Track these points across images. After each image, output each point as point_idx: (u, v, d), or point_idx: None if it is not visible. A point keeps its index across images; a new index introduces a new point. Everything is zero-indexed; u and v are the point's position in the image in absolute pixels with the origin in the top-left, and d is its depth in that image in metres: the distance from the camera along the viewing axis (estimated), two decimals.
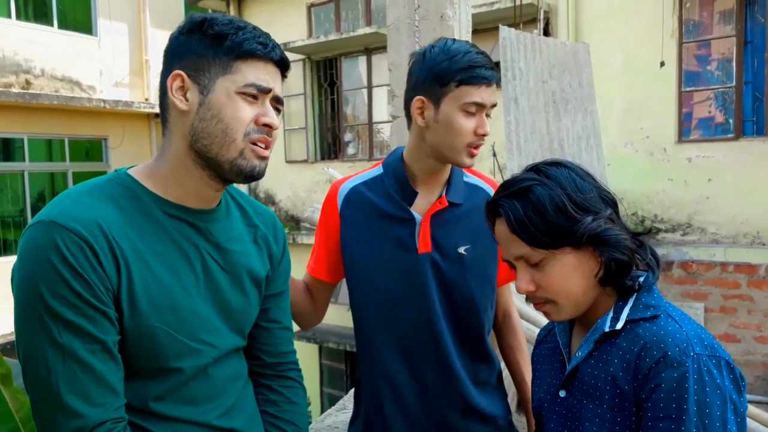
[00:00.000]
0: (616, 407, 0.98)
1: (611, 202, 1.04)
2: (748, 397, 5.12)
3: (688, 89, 6.39)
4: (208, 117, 0.98)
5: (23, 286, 0.91)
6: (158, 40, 10.78)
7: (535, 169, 1.06)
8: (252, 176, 1.04)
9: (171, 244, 1.01)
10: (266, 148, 1.04)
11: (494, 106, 1.36)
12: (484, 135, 1.35)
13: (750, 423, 3.06)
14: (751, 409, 3.24)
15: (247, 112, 1.00)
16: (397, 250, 1.39)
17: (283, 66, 1.05)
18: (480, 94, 1.33)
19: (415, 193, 1.40)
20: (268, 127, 1.02)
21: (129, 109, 10.07)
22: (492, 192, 1.42)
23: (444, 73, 1.33)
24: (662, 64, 6.26)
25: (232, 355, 1.12)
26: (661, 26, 6.26)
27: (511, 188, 1.04)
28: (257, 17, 9.41)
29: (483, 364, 1.47)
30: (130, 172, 1.04)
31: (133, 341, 0.96)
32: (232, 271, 1.10)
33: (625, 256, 1.00)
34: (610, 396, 0.99)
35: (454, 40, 1.38)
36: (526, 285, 1.04)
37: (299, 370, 1.30)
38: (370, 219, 1.42)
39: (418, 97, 1.36)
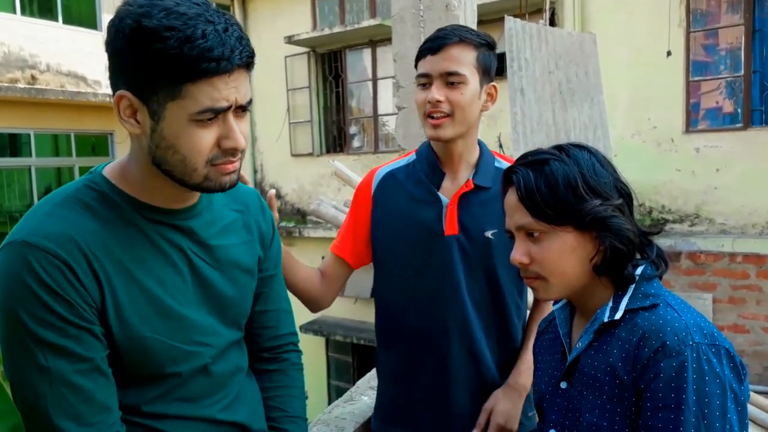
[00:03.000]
0: (616, 397, 0.97)
1: (625, 194, 1.04)
2: (758, 387, 5.12)
3: (696, 79, 6.34)
4: (163, 146, 0.88)
5: (2, 311, 0.86)
6: None
7: (558, 147, 1.06)
8: (223, 191, 0.97)
9: (154, 250, 0.96)
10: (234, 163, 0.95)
11: (450, 73, 1.36)
12: (432, 102, 1.36)
13: (759, 413, 3.04)
14: (760, 399, 3.23)
15: (206, 139, 0.88)
16: (424, 232, 1.41)
17: (247, 64, 0.90)
18: (424, 64, 1.38)
19: (443, 174, 1.43)
20: (234, 149, 0.91)
21: None
22: None
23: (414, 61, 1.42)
24: (669, 53, 6.21)
25: (231, 349, 1.10)
26: (668, 16, 6.20)
27: (529, 159, 1.05)
28: (261, 10, 9.39)
29: (508, 348, 1.48)
30: (105, 173, 0.97)
31: (126, 353, 0.93)
32: (221, 267, 1.06)
33: (625, 247, 0.99)
34: (609, 386, 0.98)
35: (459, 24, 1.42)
36: (520, 256, 1.04)
37: (298, 352, 1.27)
38: (400, 202, 1.44)
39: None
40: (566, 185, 0.99)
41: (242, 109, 0.91)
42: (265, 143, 9.66)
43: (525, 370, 1.47)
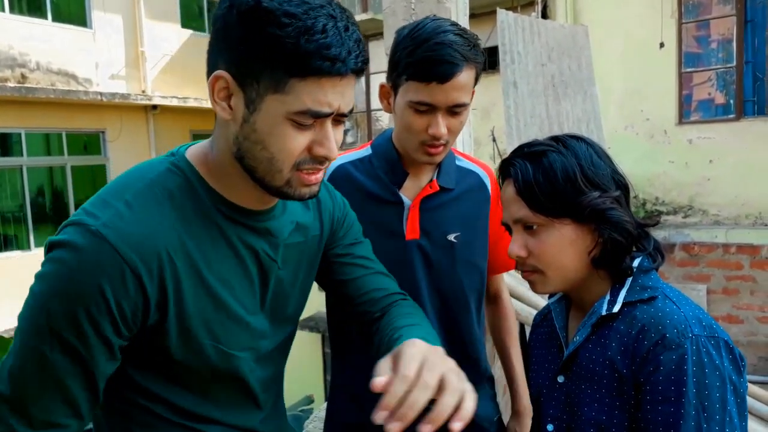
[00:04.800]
0: (615, 391, 0.97)
1: (623, 186, 1.03)
2: (752, 377, 5.15)
3: (688, 70, 6.35)
4: (253, 139, 0.81)
5: (42, 288, 0.79)
6: (154, 31, 10.72)
7: (555, 138, 1.05)
8: (299, 200, 0.89)
9: (228, 252, 0.89)
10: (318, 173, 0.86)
11: (457, 105, 1.19)
12: (436, 136, 1.20)
13: (754, 403, 3.06)
14: (756, 389, 3.24)
15: (299, 141, 0.81)
16: (383, 235, 1.29)
17: (360, 70, 0.81)
18: (428, 92, 1.18)
19: (406, 174, 1.31)
20: (325, 158, 0.83)
21: (126, 101, 10.03)
22: (485, 177, 1.40)
23: (395, 59, 1.22)
24: (662, 45, 6.21)
25: (277, 350, 1.03)
26: (660, 7, 6.20)
27: (526, 150, 1.03)
28: None
29: (470, 356, 1.41)
30: (189, 156, 0.89)
31: (177, 355, 0.86)
32: (289, 266, 0.99)
33: (624, 239, 0.98)
34: (608, 380, 0.98)
35: (436, 19, 1.21)
36: (518, 249, 1.03)
37: (407, 299, 1.13)
38: (356, 200, 1.26)
39: (382, 82, 1.27)
40: (565, 177, 0.98)
41: (342, 116, 0.83)
42: None
43: (523, 391, 1.44)
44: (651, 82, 6.38)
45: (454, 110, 1.20)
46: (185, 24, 11.47)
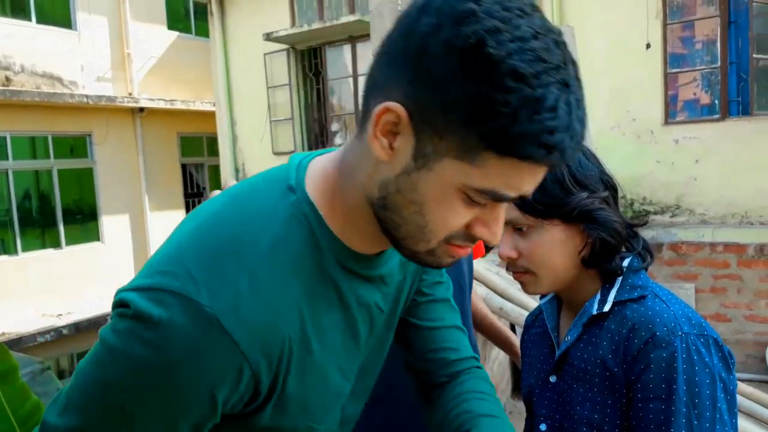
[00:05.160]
0: (607, 390, 0.97)
1: (611, 186, 1.04)
2: (740, 375, 5.18)
3: (674, 71, 6.40)
4: (408, 198, 0.63)
5: (119, 372, 0.62)
6: (140, 33, 10.65)
7: None
8: (433, 268, 0.78)
9: (341, 314, 0.75)
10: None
11: None
12: None
13: (742, 401, 3.08)
14: (743, 387, 3.27)
15: (462, 218, 0.64)
16: None
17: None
18: None
19: None
20: (484, 240, 0.68)
21: (112, 104, 9.96)
22: None
23: None
24: (648, 46, 6.25)
25: (359, 409, 0.92)
26: (646, 8, 6.25)
27: None
28: (239, 8, 9.31)
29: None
30: (312, 193, 0.70)
31: (260, 427, 0.73)
32: (392, 312, 0.87)
33: (613, 239, 0.99)
34: (600, 379, 0.98)
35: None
36: (509, 251, 1.03)
37: (481, 369, 1.03)
38: None
39: None
40: (553, 178, 0.98)
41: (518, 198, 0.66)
42: (247, 142, 9.60)
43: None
44: (637, 82, 6.42)
45: None
46: (171, 26, 11.41)
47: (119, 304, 0.63)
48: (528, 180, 0.62)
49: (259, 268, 0.64)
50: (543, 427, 1.09)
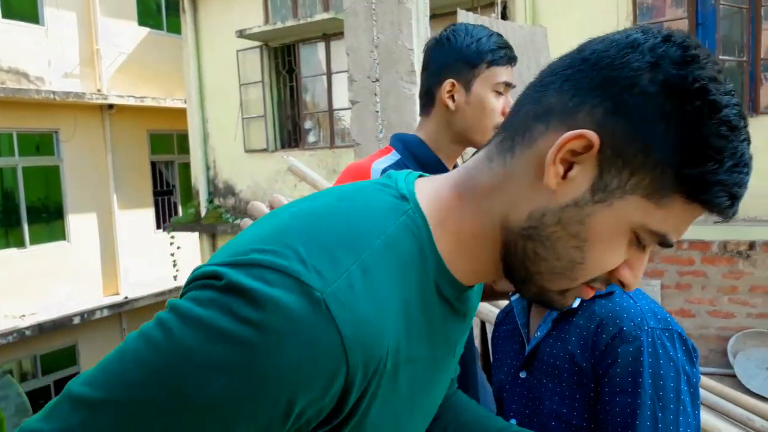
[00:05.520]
0: (575, 384, 1.00)
1: None
2: (704, 369, 5.29)
3: None
4: (572, 231, 0.59)
5: (187, 354, 0.50)
6: (109, 29, 10.47)
7: None
8: (552, 309, 0.72)
9: (429, 347, 0.65)
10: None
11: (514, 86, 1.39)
12: (502, 113, 1.38)
13: (706, 394, 3.15)
14: (706, 380, 3.35)
15: (619, 257, 0.62)
16: None
17: None
18: (508, 73, 1.38)
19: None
20: (621, 284, 0.64)
21: (80, 100, 9.77)
22: None
23: (475, 55, 1.35)
24: None
25: None
26: (616, 9, 6.35)
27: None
28: (212, 3, 9.21)
29: None
30: (426, 207, 0.64)
31: None
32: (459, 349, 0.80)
33: None
34: (568, 373, 1.01)
35: (473, 25, 1.41)
36: None
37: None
38: None
39: (448, 80, 1.36)
40: None
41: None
42: (218, 139, 9.50)
43: None
44: None
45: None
46: (142, 21, 11.23)
47: (204, 275, 0.54)
48: (688, 226, 0.62)
49: (372, 266, 0.57)
50: (513, 422, 1.11)
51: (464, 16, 3.51)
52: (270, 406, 0.52)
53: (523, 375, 1.10)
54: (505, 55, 1.37)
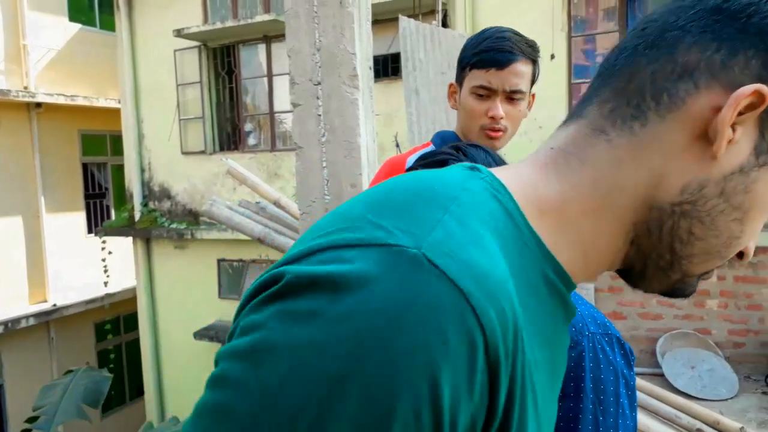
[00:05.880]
0: None
1: None
2: (635, 369, 5.49)
3: (578, 81, 6.73)
4: (735, 202, 0.51)
5: (279, 379, 0.37)
6: (38, 24, 10.00)
7: (455, 146, 1.07)
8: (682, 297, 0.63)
9: (549, 351, 0.52)
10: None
11: (514, 90, 1.37)
12: (494, 117, 1.38)
13: (638, 394, 3.27)
14: (639, 381, 3.47)
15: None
16: None
17: None
18: (488, 76, 1.36)
19: None
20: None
21: (5, 98, 9.27)
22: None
23: (463, 58, 1.41)
24: (552, 57, 6.55)
25: None
26: (552, 21, 6.54)
27: (428, 159, 1.05)
28: (147, 2, 8.94)
29: None
30: (511, 186, 0.52)
31: None
32: None
33: None
34: None
35: (494, 28, 1.41)
36: None
37: None
38: None
39: (450, 82, 1.46)
40: None
41: None
42: (154, 141, 9.22)
43: None
44: (543, 91, 6.67)
45: (512, 96, 1.37)
46: (73, 17, 10.79)
47: (261, 287, 0.42)
48: None
49: (466, 217, 0.45)
50: None
51: (406, 23, 3.53)
52: (412, 421, 0.37)
53: None
54: (489, 58, 1.36)
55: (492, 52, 1.36)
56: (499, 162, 1.06)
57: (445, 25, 6.78)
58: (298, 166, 2.10)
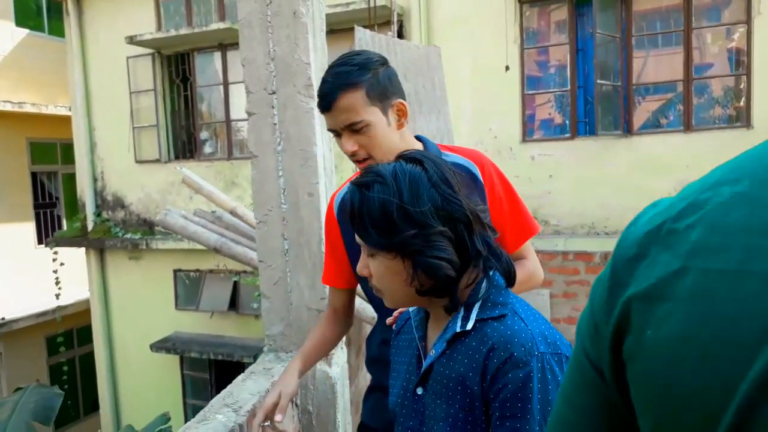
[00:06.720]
0: (467, 407, 1.01)
1: (461, 218, 1.01)
2: None
3: (531, 92, 6.89)
4: None
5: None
6: None
7: (402, 157, 1.07)
8: None
9: None
10: None
11: (350, 124, 1.38)
12: (348, 153, 1.41)
13: None
14: None
15: None
16: None
17: None
18: (327, 120, 1.42)
19: None
20: None
21: None
22: (473, 167, 1.46)
23: None
24: (507, 68, 6.68)
25: None
26: (505, 32, 6.68)
27: (361, 178, 1.05)
28: (99, 7, 8.75)
29: None
30: None
31: None
32: None
33: (435, 280, 1.01)
34: (461, 396, 1.02)
35: (335, 63, 1.42)
36: (361, 269, 1.08)
37: None
38: None
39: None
40: (381, 213, 0.99)
41: None
42: (106, 149, 9.01)
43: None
44: (498, 102, 6.83)
45: (354, 128, 1.38)
46: (21, 22, 10.48)
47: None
48: None
49: None
50: None
51: (361, 33, 3.56)
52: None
53: (419, 391, 1.10)
54: (318, 105, 1.42)
55: (318, 99, 1.41)
56: (437, 180, 1.02)
57: (400, 36, 6.85)
58: (254, 175, 2.10)
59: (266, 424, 1.47)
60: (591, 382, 0.52)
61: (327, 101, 1.38)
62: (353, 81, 1.36)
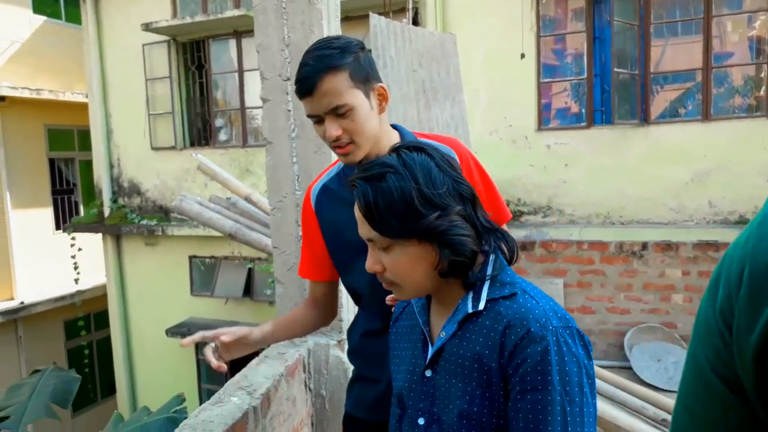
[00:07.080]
0: (484, 384, 1.03)
1: (468, 197, 1.06)
2: (603, 362, 5.60)
3: (546, 80, 6.83)
4: None
5: None
6: (0, 16, 9.76)
7: (396, 151, 1.07)
8: None
9: None
10: None
11: (334, 108, 1.34)
12: (330, 138, 1.36)
13: (604, 386, 3.35)
14: (605, 373, 3.55)
15: None
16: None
17: None
18: (306, 105, 1.37)
19: None
20: None
21: None
22: (450, 150, 1.44)
23: None
24: (522, 56, 6.62)
25: None
26: (521, 20, 6.61)
27: (367, 172, 1.05)
28: None
29: None
30: None
31: None
32: None
33: (463, 257, 1.04)
34: (478, 374, 1.03)
35: (312, 47, 1.38)
36: (373, 265, 1.09)
37: None
38: (342, 211, 1.42)
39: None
40: (402, 201, 1.01)
41: None
42: (123, 136, 9.08)
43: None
44: (513, 90, 6.78)
45: (337, 112, 1.35)
46: (38, 9, 10.56)
47: None
48: None
49: None
50: (421, 421, 1.12)
51: (376, 20, 3.55)
52: None
53: (428, 374, 1.12)
54: (297, 90, 1.37)
55: (298, 83, 1.36)
56: (444, 166, 1.06)
57: (415, 23, 6.81)
58: (269, 162, 2.11)
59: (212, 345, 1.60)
60: (720, 398, 0.51)
61: (309, 84, 1.33)
62: (336, 63, 1.33)
